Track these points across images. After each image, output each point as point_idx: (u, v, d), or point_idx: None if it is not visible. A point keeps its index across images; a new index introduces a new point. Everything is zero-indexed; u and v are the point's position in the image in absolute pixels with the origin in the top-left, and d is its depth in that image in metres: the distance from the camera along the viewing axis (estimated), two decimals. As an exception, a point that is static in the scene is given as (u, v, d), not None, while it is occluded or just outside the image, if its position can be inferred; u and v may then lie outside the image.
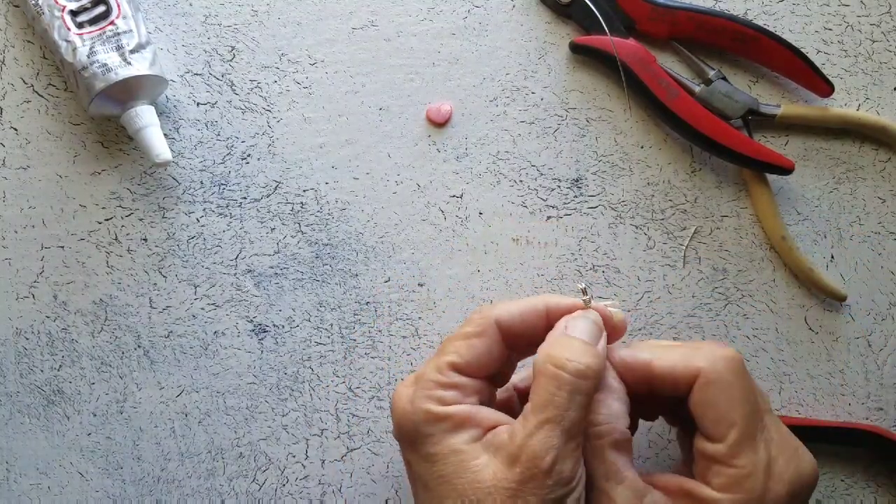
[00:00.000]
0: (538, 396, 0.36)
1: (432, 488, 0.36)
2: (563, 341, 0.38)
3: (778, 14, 0.49)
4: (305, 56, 0.49)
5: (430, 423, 0.37)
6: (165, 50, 0.48)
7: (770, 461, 0.36)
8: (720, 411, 0.37)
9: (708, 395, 0.37)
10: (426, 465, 0.36)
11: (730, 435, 0.37)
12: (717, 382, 0.37)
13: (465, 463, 0.36)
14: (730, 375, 0.37)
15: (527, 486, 0.34)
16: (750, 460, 0.36)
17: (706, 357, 0.38)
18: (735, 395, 0.37)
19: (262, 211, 0.48)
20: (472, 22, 0.49)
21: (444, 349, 0.39)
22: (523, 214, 0.48)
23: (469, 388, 0.38)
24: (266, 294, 0.48)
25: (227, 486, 0.48)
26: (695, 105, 0.47)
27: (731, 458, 0.36)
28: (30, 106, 0.48)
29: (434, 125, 0.49)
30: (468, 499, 0.35)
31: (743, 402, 0.37)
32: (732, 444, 0.36)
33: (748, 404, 0.37)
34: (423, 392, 0.37)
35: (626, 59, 0.47)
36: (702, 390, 0.37)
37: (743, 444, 0.36)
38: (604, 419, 0.38)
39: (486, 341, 0.38)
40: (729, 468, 0.36)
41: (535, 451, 0.35)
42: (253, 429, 0.48)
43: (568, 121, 0.49)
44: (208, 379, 0.48)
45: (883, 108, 0.49)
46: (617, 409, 0.38)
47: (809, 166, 0.48)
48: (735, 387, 0.37)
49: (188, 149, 0.48)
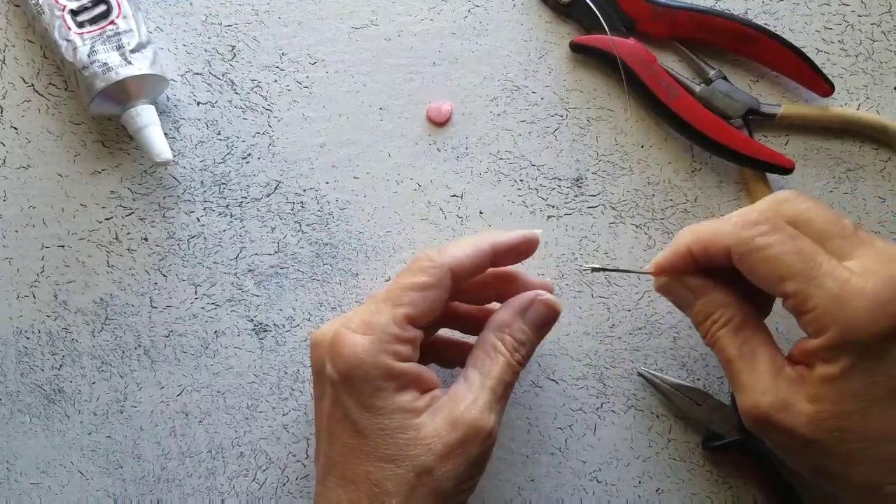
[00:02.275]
0: (486, 366, 0.39)
1: (369, 436, 0.37)
2: (521, 326, 0.40)
3: (778, 13, 0.49)
4: (306, 55, 0.49)
5: (385, 378, 0.37)
6: (166, 49, 0.48)
7: (842, 286, 0.34)
8: (764, 273, 0.36)
9: (745, 264, 0.36)
10: (367, 415, 0.37)
11: (784, 286, 0.35)
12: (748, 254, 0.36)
13: (408, 420, 0.37)
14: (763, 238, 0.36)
15: (464, 446, 0.37)
16: (817, 298, 0.34)
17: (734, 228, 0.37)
18: (772, 252, 0.35)
19: (263, 210, 0.48)
20: (473, 21, 0.49)
21: (398, 298, 0.38)
22: (523, 214, 0.48)
23: (418, 341, 0.38)
24: (266, 293, 0.48)
25: (227, 485, 0.48)
26: (695, 105, 0.47)
27: (803, 304, 0.35)
28: (30, 105, 0.48)
29: (434, 125, 0.49)
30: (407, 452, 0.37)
31: (782, 255, 0.35)
32: (794, 293, 0.35)
33: (791, 253, 0.35)
34: (382, 345, 0.37)
35: (627, 59, 0.47)
36: (740, 262, 0.37)
37: (801, 288, 0.35)
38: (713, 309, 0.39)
39: (440, 292, 0.38)
40: (807, 314, 0.35)
41: (479, 417, 0.37)
42: (253, 428, 0.48)
43: (568, 120, 0.49)
44: (209, 378, 0.48)
45: (883, 107, 0.49)
46: (719, 298, 0.39)
47: (809, 166, 0.48)
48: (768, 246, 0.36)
49: (188, 148, 0.48)
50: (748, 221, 0.36)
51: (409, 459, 0.37)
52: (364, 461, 0.37)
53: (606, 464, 0.47)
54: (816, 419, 0.35)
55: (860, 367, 0.34)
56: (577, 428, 0.47)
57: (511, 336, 0.40)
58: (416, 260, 0.39)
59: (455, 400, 0.38)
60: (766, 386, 0.36)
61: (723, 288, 0.39)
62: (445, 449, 0.37)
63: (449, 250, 0.39)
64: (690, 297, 0.40)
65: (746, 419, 0.37)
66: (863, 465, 0.35)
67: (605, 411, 0.47)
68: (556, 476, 0.47)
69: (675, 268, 0.40)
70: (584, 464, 0.47)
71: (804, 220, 0.37)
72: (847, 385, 0.34)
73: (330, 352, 0.38)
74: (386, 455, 0.37)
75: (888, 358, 0.34)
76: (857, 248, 0.36)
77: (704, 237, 0.38)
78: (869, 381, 0.34)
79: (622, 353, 0.48)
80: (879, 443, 0.35)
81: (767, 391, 0.36)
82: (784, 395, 0.36)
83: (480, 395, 0.38)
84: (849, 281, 0.34)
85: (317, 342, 0.39)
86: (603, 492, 0.47)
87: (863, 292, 0.34)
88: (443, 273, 0.38)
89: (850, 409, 0.35)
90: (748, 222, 0.36)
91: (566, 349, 0.48)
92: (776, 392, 0.36)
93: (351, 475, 0.37)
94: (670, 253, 0.40)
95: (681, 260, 0.39)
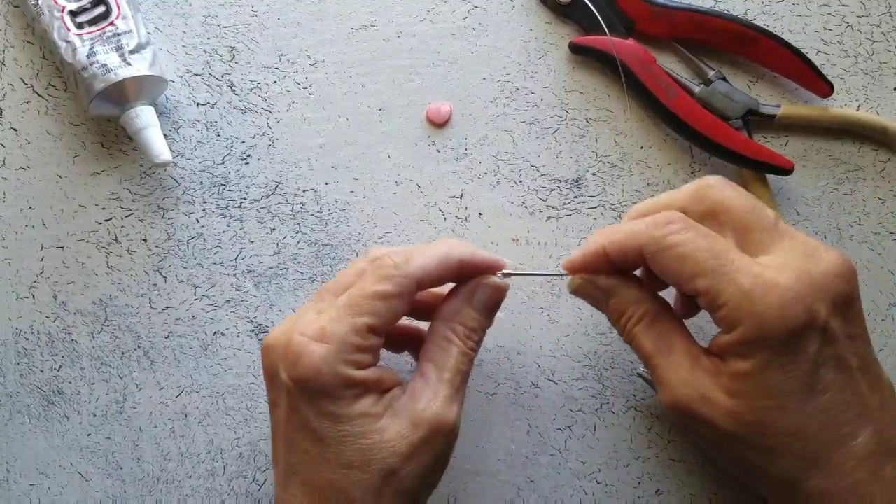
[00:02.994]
0: (440, 359, 0.39)
1: (331, 444, 0.36)
2: (470, 313, 0.40)
3: (778, 14, 0.49)
4: (305, 56, 0.49)
5: (345, 387, 0.36)
6: (165, 50, 0.48)
7: (754, 281, 0.34)
8: (676, 271, 0.36)
9: (657, 264, 0.36)
10: (328, 423, 0.36)
11: (696, 283, 0.35)
12: (659, 252, 0.36)
13: (371, 425, 0.37)
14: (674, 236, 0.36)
15: (429, 443, 0.37)
16: (729, 294, 0.34)
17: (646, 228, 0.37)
18: (683, 250, 0.35)
19: (262, 211, 0.48)
20: (472, 22, 0.49)
21: (359, 307, 0.37)
22: (523, 214, 0.48)
23: (379, 347, 0.38)
24: (266, 294, 0.48)
25: (226, 486, 0.48)
26: (694, 105, 0.47)
27: (714, 300, 0.35)
28: (30, 106, 0.48)
29: (434, 125, 0.49)
30: (371, 457, 0.36)
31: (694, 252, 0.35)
32: (705, 290, 0.35)
33: (703, 251, 0.35)
34: (341, 355, 0.36)
35: (626, 60, 0.47)
36: (652, 261, 0.37)
37: (713, 284, 0.34)
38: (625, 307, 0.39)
39: (403, 302, 0.37)
40: (719, 310, 0.35)
41: (440, 413, 0.37)
42: (252, 429, 0.48)
43: (568, 121, 0.49)
44: (208, 379, 0.48)
45: (883, 108, 0.49)
46: (631, 295, 0.39)
47: (809, 167, 0.48)
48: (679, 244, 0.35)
49: (188, 149, 0.48)
50: (660, 221, 0.36)
51: (374, 464, 0.36)
52: (327, 469, 0.37)
53: (606, 465, 0.47)
54: (734, 413, 0.35)
55: (775, 362, 0.34)
56: (576, 429, 0.47)
57: (461, 324, 0.40)
58: (381, 265, 0.38)
59: (415, 398, 0.38)
60: (685, 377, 0.36)
61: (634, 285, 0.39)
62: (410, 449, 0.37)
63: (416, 259, 0.38)
64: (603, 296, 0.40)
65: (670, 413, 0.38)
66: (783, 460, 0.35)
67: (604, 412, 0.47)
68: (556, 477, 0.47)
69: (587, 267, 0.40)
70: (583, 465, 0.47)
71: (724, 208, 0.37)
72: (762, 380, 0.34)
73: (285, 359, 0.37)
74: (350, 462, 0.36)
75: (803, 353, 0.34)
76: (776, 241, 0.36)
77: (619, 238, 0.38)
78: (784, 376, 0.34)
79: (622, 354, 0.48)
80: (798, 438, 0.34)
81: (686, 383, 0.36)
82: (703, 388, 0.36)
83: (439, 390, 0.38)
84: (761, 276, 0.34)
85: (270, 346, 0.38)
86: (603, 492, 0.47)
87: (776, 287, 0.34)
88: (408, 283, 0.37)
89: (766, 405, 0.34)
90: (660, 222, 0.36)
91: (566, 350, 0.48)
92: (695, 384, 0.36)
93: (314, 483, 0.37)
94: (583, 253, 0.39)
95: (594, 260, 0.39)
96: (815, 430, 0.34)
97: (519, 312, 0.48)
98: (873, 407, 0.35)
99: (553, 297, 0.48)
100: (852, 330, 0.35)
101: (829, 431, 0.34)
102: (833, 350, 0.34)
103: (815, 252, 0.35)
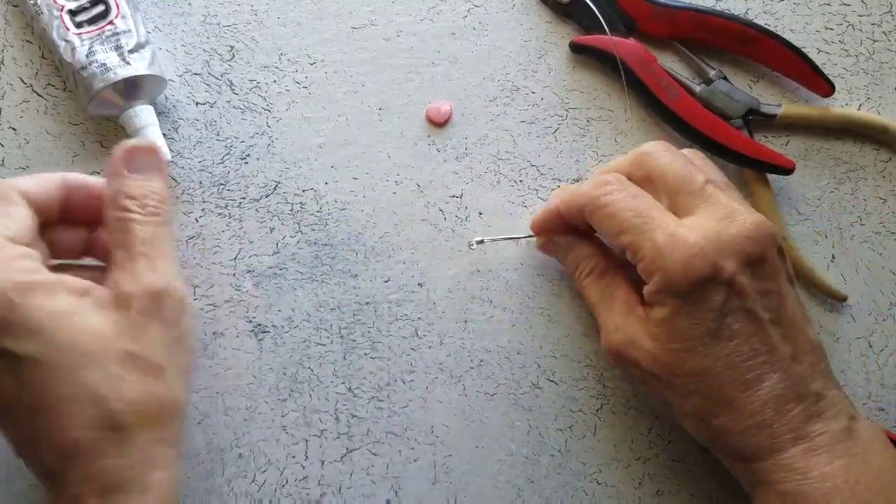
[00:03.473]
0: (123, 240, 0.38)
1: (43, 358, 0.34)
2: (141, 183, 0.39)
3: (778, 14, 0.49)
4: (305, 56, 0.49)
5: (21, 292, 0.34)
6: (164, 50, 0.48)
7: (668, 237, 0.38)
8: (606, 227, 0.40)
9: (593, 221, 0.41)
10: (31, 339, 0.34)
11: (620, 238, 0.39)
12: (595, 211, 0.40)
13: (77, 323, 0.35)
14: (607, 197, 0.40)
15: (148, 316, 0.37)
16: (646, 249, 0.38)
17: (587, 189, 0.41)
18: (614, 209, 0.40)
19: (262, 211, 0.48)
20: (472, 21, 0.49)
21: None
22: (523, 214, 0.48)
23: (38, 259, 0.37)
24: (265, 294, 0.48)
25: (226, 486, 0.47)
26: (695, 105, 0.47)
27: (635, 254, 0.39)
28: (29, 106, 0.48)
29: (434, 125, 0.49)
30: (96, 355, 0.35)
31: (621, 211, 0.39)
32: (627, 245, 0.39)
33: (628, 210, 0.39)
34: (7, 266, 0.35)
35: (627, 59, 0.47)
36: (590, 219, 0.41)
37: (633, 240, 0.39)
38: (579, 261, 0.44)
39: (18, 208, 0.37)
40: (639, 263, 0.39)
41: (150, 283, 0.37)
42: (252, 429, 0.48)
43: (568, 121, 0.49)
44: (207, 379, 0.48)
45: (884, 107, 0.48)
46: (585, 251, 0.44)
47: (810, 166, 0.48)
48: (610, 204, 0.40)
49: (187, 148, 0.48)
50: (598, 182, 0.41)
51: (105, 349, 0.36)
52: None
53: (606, 465, 0.47)
54: (654, 355, 0.39)
55: (683, 310, 0.38)
56: (577, 429, 0.47)
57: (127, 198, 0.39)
58: None
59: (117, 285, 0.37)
60: (619, 324, 0.41)
61: (587, 242, 0.44)
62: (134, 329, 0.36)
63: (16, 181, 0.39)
64: (562, 251, 0.45)
65: (607, 355, 0.42)
66: (691, 397, 0.39)
67: (605, 412, 0.47)
68: (556, 477, 0.47)
69: (545, 224, 0.45)
70: (584, 465, 0.47)
71: (659, 174, 0.41)
72: (673, 325, 0.38)
73: None
74: None
75: (706, 303, 0.38)
76: (700, 204, 0.39)
77: (567, 198, 0.43)
78: (691, 322, 0.38)
79: (622, 354, 0.48)
80: (703, 378, 0.38)
81: (620, 329, 0.41)
82: (632, 333, 0.40)
83: (136, 266, 0.38)
84: (675, 233, 0.38)
85: None
86: (603, 493, 0.47)
87: (683, 244, 0.38)
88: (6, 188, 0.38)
89: (677, 347, 0.38)
90: (598, 183, 0.41)
91: (566, 350, 0.48)
92: (627, 330, 0.41)
93: None
94: (542, 212, 0.45)
95: (551, 218, 0.44)
96: (718, 372, 0.38)
97: (519, 312, 0.48)
98: (784, 356, 0.38)
99: (553, 296, 0.48)
100: (764, 286, 0.39)
101: (734, 374, 0.38)
102: (741, 303, 0.38)
103: (731, 215, 0.39)
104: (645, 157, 0.41)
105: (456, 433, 0.47)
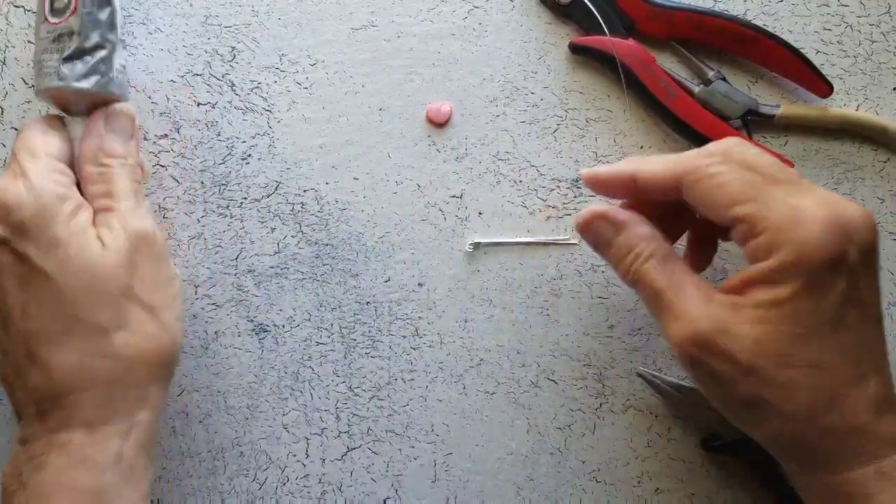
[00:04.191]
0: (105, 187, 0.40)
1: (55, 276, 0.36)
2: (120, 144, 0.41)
3: (777, 14, 0.49)
4: (305, 56, 0.49)
5: (58, 202, 0.37)
6: (166, 51, 0.48)
7: (793, 210, 0.34)
8: (715, 198, 0.36)
9: (696, 191, 0.37)
10: (52, 252, 0.37)
11: (735, 210, 0.35)
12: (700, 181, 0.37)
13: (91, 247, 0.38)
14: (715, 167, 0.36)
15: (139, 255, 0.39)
16: (769, 221, 0.35)
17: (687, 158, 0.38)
18: (724, 179, 0.36)
19: (263, 211, 0.48)
20: (472, 22, 0.49)
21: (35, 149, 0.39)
22: (523, 214, 0.48)
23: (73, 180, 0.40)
24: (266, 294, 0.48)
25: (227, 484, 0.48)
26: (694, 105, 0.47)
27: (754, 227, 0.35)
28: (30, 106, 0.48)
29: (434, 125, 0.49)
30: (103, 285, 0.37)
31: (734, 181, 0.36)
32: (744, 217, 0.35)
33: (741, 182, 0.36)
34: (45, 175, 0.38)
35: (626, 60, 0.47)
36: (690, 189, 0.37)
37: (753, 211, 0.35)
38: (636, 242, 0.39)
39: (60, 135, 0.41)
40: (758, 236, 0.35)
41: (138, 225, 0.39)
42: (253, 428, 0.48)
43: (568, 121, 0.49)
44: (209, 378, 0.48)
45: (882, 108, 0.49)
46: (644, 232, 0.39)
47: (808, 166, 0.49)
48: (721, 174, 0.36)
49: (188, 149, 0.48)
50: (702, 152, 0.37)
51: None
52: None
53: (606, 464, 0.47)
54: (759, 342, 0.34)
55: (807, 292, 0.34)
56: (576, 428, 0.47)
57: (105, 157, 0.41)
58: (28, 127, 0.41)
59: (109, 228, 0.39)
60: (703, 311, 0.36)
61: (646, 223, 0.39)
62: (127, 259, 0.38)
63: None
64: (611, 231, 0.40)
65: (683, 347, 0.36)
66: (800, 393, 0.34)
67: (604, 411, 0.48)
68: (556, 476, 0.47)
69: (609, 184, 0.41)
70: (583, 464, 0.47)
71: (752, 164, 0.37)
72: (794, 307, 0.34)
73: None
74: None
75: (834, 286, 0.34)
76: (802, 192, 0.36)
77: (652, 167, 0.38)
78: (814, 306, 0.34)
79: (621, 354, 0.48)
80: (816, 372, 0.34)
81: (705, 316, 0.35)
82: (723, 320, 0.35)
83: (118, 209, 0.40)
84: (800, 207, 0.34)
85: None
86: (602, 491, 0.47)
87: (815, 217, 0.34)
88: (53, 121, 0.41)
89: (794, 332, 0.34)
90: (702, 153, 0.37)
91: (565, 350, 0.48)
92: (714, 317, 0.35)
93: None
94: (610, 171, 0.40)
95: (618, 181, 0.40)
96: (835, 365, 0.34)
97: (519, 312, 0.48)
98: (882, 355, 0.36)
99: (553, 296, 0.48)
100: (871, 281, 0.36)
101: (846, 369, 0.34)
102: (858, 293, 0.35)
103: (840, 202, 0.35)
104: (734, 149, 0.37)
105: (456, 432, 0.48)
